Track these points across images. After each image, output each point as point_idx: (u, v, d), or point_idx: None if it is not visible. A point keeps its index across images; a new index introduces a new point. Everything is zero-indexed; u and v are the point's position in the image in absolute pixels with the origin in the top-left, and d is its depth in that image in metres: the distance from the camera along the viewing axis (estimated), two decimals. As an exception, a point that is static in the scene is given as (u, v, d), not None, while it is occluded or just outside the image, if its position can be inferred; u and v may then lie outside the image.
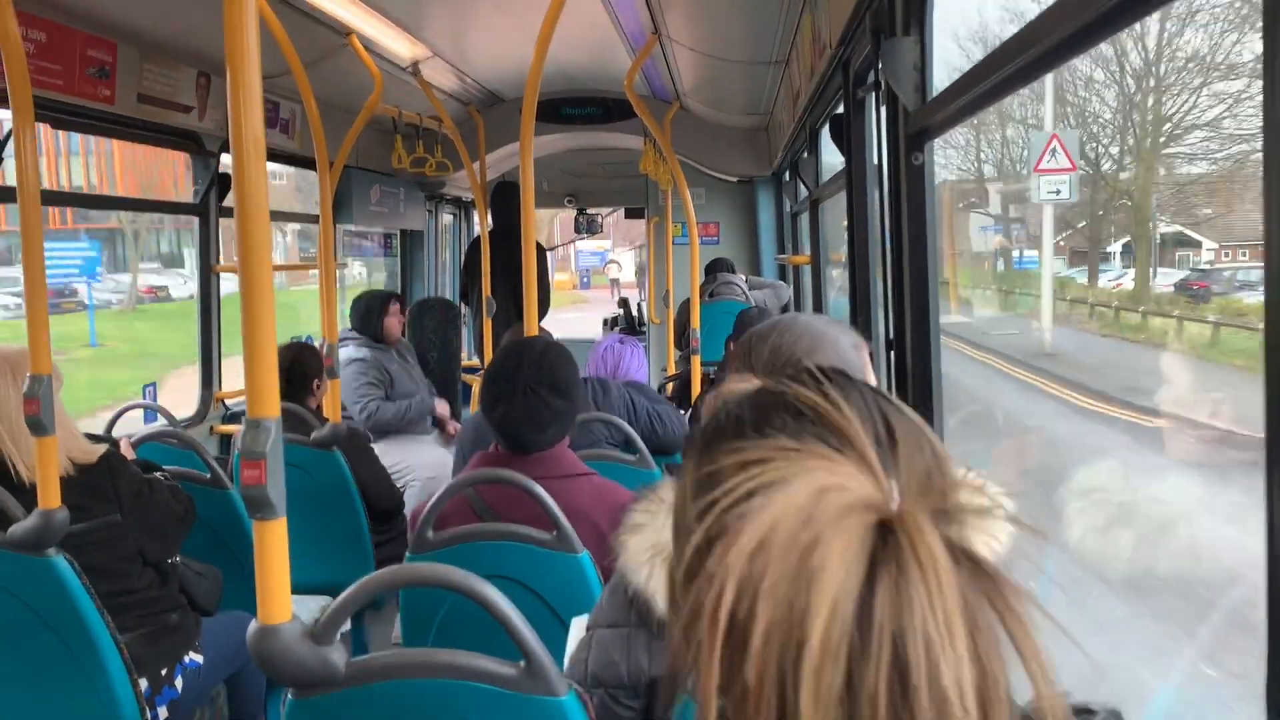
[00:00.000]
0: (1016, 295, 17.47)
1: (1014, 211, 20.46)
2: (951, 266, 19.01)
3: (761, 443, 0.61)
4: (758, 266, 6.84)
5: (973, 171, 19.83)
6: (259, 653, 1.39)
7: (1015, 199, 19.59)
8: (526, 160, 2.97)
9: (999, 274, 21.37)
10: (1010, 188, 19.13)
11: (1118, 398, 9.31)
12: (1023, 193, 17.60)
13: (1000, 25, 13.72)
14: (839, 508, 0.53)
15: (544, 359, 2.24)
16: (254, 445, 1.38)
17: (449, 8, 4.12)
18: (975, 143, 18.12)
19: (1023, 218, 19.10)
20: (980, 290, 20.15)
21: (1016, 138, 17.43)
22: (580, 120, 6.32)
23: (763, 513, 0.53)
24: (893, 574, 0.51)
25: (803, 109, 3.92)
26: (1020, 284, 18.46)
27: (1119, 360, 11.79)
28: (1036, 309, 14.80)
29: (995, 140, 18.31)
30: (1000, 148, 18.52)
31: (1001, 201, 20.58)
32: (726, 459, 0.62)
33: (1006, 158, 18.63)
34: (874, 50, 2.05)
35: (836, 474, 0.56)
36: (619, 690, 1.50)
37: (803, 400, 0.65)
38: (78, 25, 3.21)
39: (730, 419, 0.68)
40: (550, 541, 2.07)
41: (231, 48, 1.35)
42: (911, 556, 0.51)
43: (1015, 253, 21.51)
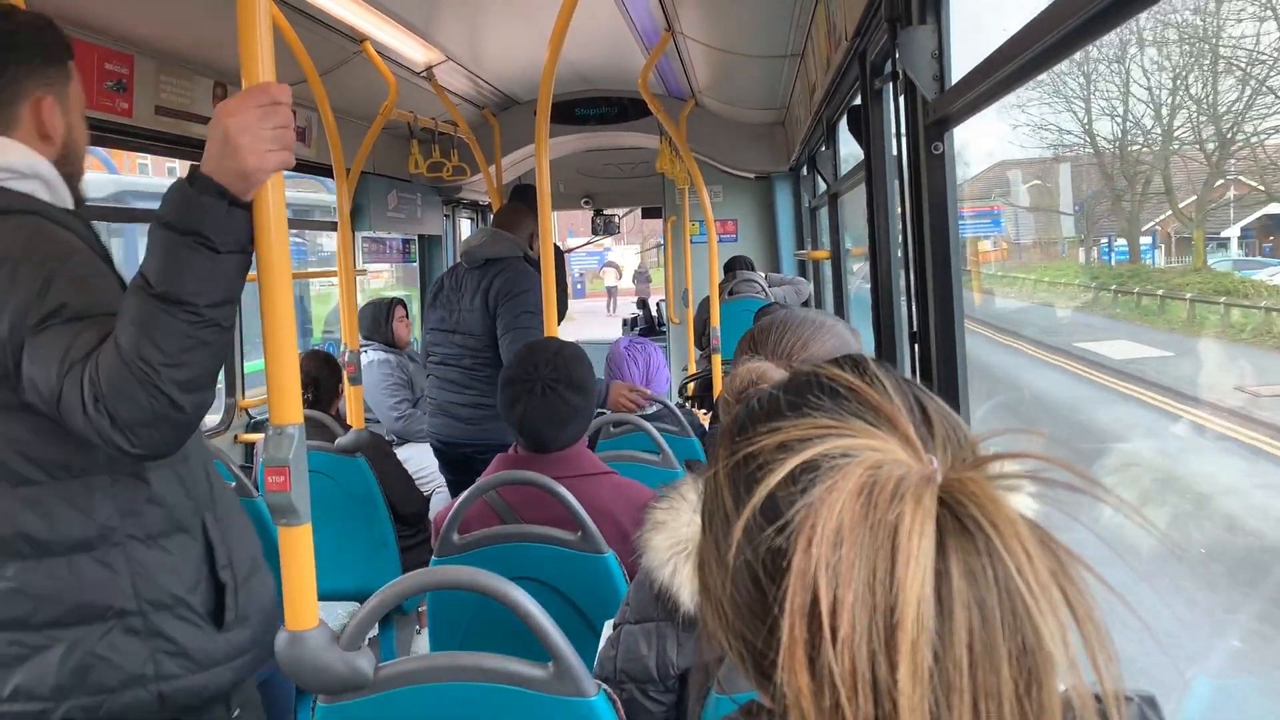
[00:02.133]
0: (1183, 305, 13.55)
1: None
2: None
3: (800, 421, 0.60)
4: (777, 263, 6.81)
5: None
6: (286, 660, 1.38)
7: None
8: (542, 162, 2.97)
9: (1085, 267, 20.00)
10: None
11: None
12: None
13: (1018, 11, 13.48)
14: (899, 482, 0.53)
15: (559, 357, 2.27)
16: (277, 452, 1.38)
17: (462, 11, 4.12)
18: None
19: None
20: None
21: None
22: (595, 120, 6.32)
23: (829, 496, 0.53)
24: (964, 542, 0.51)
25: (819, 102, 3.89)
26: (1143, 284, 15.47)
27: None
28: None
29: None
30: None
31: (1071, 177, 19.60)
32: (765, 439, 0.61)
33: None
34: (890, 40, 2.02)
35: (883, 450, 0.56)
36: (648, 684, 1.51)
37: (839, 380, 0.64)
38: (95, 39, 3.24)
39: (765, 402, 0.68)
40: (575, 542, 2.07)
41: (246, 58, 1.35)
42: (985, 520, 0.51)
43: (1092, 241, 20.19)
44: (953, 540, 0.52)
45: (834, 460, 0.56)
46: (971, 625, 0.50)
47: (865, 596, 0.51)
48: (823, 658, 0.51)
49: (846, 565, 0.51)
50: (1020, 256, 22.85)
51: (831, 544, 0.52)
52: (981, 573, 0.51)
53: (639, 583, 1.53)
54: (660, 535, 1.41)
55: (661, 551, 1.40)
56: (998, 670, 0.50)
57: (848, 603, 0.51)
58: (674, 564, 1.39)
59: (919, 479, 0.53)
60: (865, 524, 0.52)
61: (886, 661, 0.50)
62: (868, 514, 0.52)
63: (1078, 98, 17.99)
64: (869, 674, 0.50)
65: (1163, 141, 16.88)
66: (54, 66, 1.61)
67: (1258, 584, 5.68)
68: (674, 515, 1.41)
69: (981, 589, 0.51)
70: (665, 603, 1.44)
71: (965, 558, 0.51)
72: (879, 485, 0.53)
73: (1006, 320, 17.27)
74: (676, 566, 1.39)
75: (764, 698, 0.63)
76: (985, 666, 0.50)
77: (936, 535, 0.51)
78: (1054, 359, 12.80)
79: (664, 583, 1.40)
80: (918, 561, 0.50)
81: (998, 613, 0.51)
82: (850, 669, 0.50)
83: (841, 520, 0.52)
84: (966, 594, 0.51)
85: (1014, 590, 0.51)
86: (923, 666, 0.49)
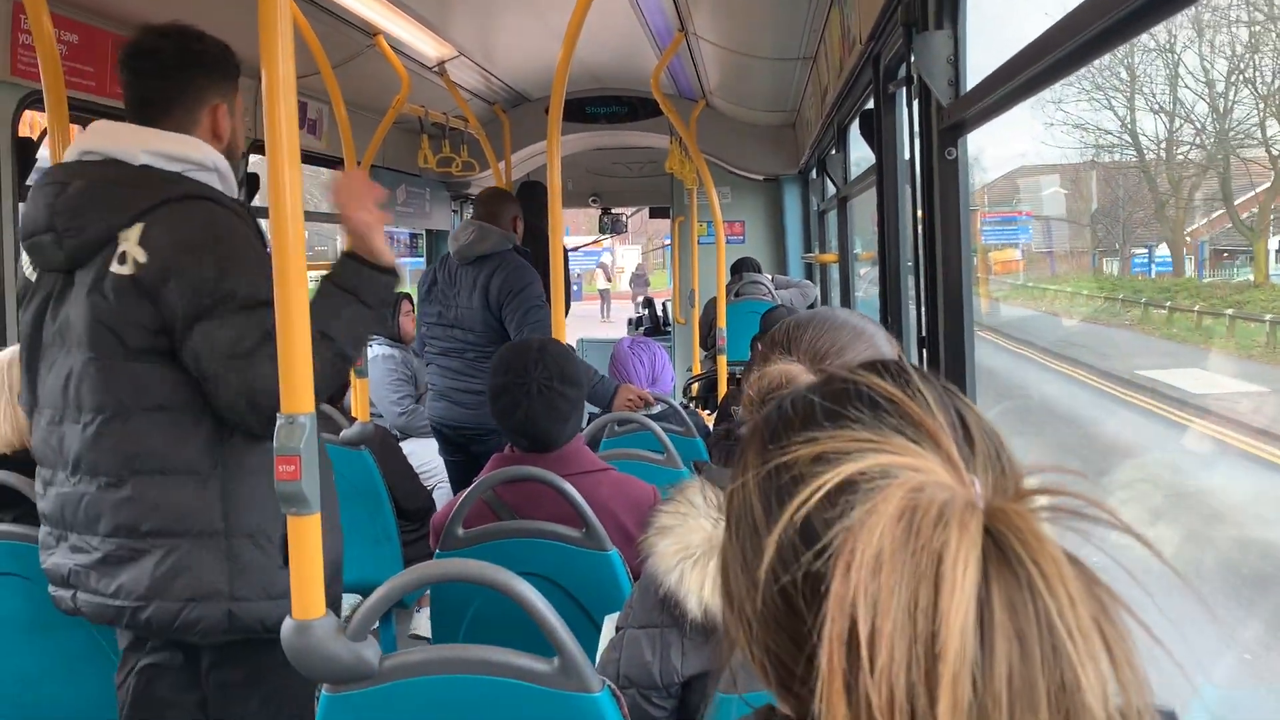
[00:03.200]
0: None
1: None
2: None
3: (838, 434, 0.59)
4: (784, 265, 6.81)
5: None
6: (293, 648, 1.39)
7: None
8: (553, 160, 2.97)
9: (1114, 280, 18.30)
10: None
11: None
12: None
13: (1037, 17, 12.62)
14: (944, 508, 0.51)
15: (546, 354, 2.28)
16: (289, 441, 1.38)
17: (475, 7, 4.13)
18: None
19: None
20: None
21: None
22: (605, 119, 6.33)
23: (869, 519, 0.52)
24: (1006, 574, 0.50)
25: (831, 105, 3.89)
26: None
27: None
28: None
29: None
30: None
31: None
32: (800, 449, 0.59)
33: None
34: (906, 44, 2.03)
35: (924, 469, 0.54)
36: (651, 690, 1.50)
37: (879, 390, 0.62)
38: (110, 27, 3.24)
39: (800, 407, 0.65)
40: (579, 538, 2.08)
41: (266, 49, 1.36)
42: (1028, 557, 0.50)
43: (1128, 251, 18.60)
44: (995, 570, 0.50)
45: (873, 480, 0.55)
46: (1012, 659, 0.49)
47: (905, 626, 0.49)
48: (860, 687, 0.50)
49: (886, 593, 0.50)
50: (1053, 267, 21.70)
51: (871, 570, 0.50)
52: (1023, 606, 0.50)
53: (643, 586, 1.52)
54: (666, 540, 1.40)
55: (668, 557, 1.39)
56: (1035, 708, 0.49)
57: (886, 632, 0.49)
58: (681, 570, 1.38)
59: (963, 505, 0.52)
60: (907, 550, 0.50)
61: (926, 694, 0.48)
62: (909, 540, 0.50)
63: (1119, 91, 16.92)
64: (907, 705, 0.49)
65: (1216, 141, 15.74)
66: (228, 80, 1.93)
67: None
68: (681, 520, 1.40)
69: (1022, 622, 0.49)
70: (670, 609, 1.43)
71: (1007, 590, 0.50)
72: (921, 510, 0.51)
73: (1051, 339, 15.47)
74: (684, 573, 1.38)
75: (783, 705, 0.62)
76: (1024, 703, 0.49)
77: (980, 564, 0.50)
78: (1117, 390, 11.16)
79: (670, 589, 1.39)
80: (963, 591, 0.49)
81: (1038, 649, 0.49)
82: (888, 700, 0.49)
83: (882, 546, 0.51)
84: (1008, 626, 0.49)
85: (1055, 629, 0.49)
86: (963, 699, 0.48)
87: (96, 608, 1.77)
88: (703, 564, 1.38)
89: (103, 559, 1.74)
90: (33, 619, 2.27)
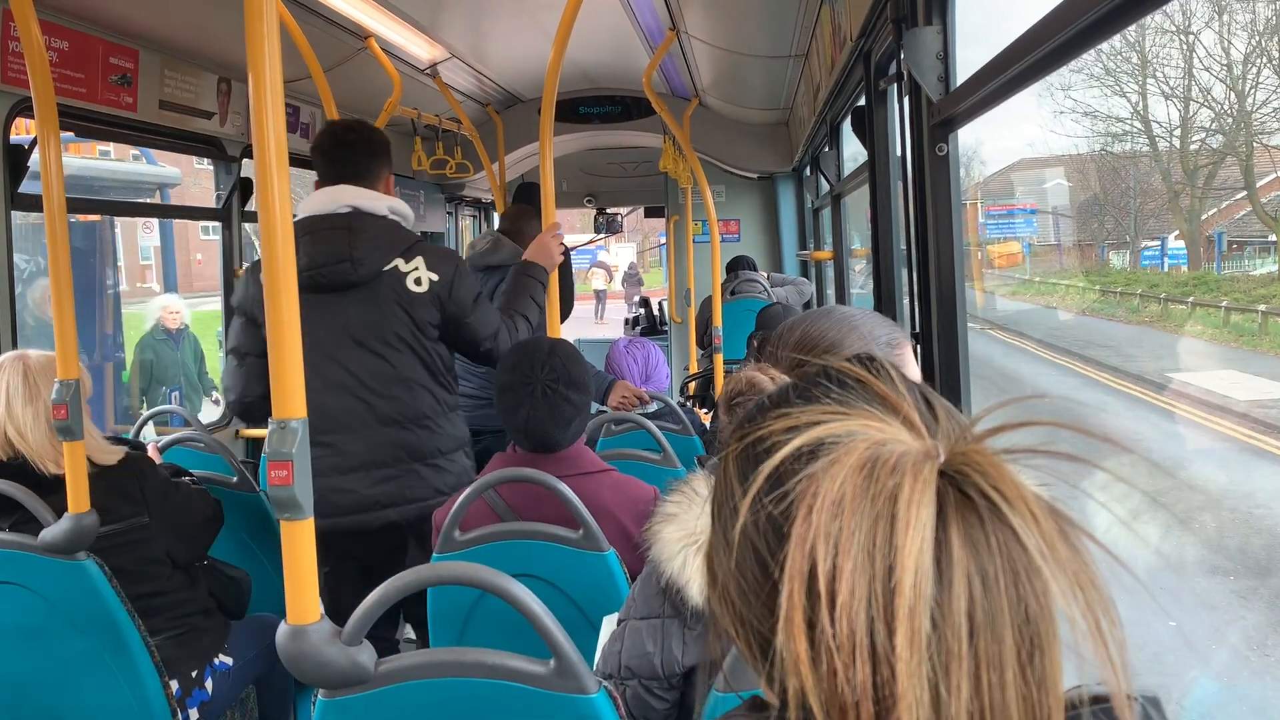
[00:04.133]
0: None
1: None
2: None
3: (809, 408, 0.62)
4: (779, 263, 6.82)
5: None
6: (288, 653, 1.39)
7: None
8: (546, 160, 2.97)
9: (1120, 273, 17.26)
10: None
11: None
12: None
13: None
14: (901, 457, 0.54)
15: (554, 357, 2.26)
16: (281, 446, 1.38)
17: (467, 9, 4.13)
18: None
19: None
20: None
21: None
22: (599, 119, 6.32)
23: (832, 469, 0.54)
24: (966, 513, 0.52)
25: (823, 102, 3.89)
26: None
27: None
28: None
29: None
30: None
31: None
32: (773, 424, 0.62)
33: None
34: (896, 41, 2.03)
35: (887, 431, 0.57)
36: (653, 681, 1.50)
37: (848, 372, 0.66)
38: (100, 34, 3.24)
39: (775, 395, 0.69)
40: (576, 540, 2.07)
41: (253, 53, 1.36)
42: (988, 484, 0.53)
43: (1126, 244, 17.98)
44: (954, 512, 0.52)
45: (838, 438, 0.58)
46: (972, 594, 0.51)
47: (864, 564, 0.52)
48: (821, 624, 0.52)
49: (846, 533, 0.52)
50: (1061, 261, 21.22)
51: (832, 513, 0.53)
52: (984, 543, 0.52)
53: (646, 576, 1.52)
54: (671, 527, 1.41)
55: (672, 543, 1.40)
56: (1000, 639, 0.51)
57: (846, 570, 0.52)
58: (684, 556, 1.38)
59: (920, 454, 0.54)
60: (866, 495, 0.53)
61: (885, 628, 0.51)
62: (869, 486, 0.53)
63: (1129, 76, 16.30)
64: (867, 641, 0.51)
65: (1235, 124, 14.68)
66: (390, 155, 2.77)
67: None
68: (686, 508, 1.40)
69: (984, 559, 0.52)
70: (672, 597, 1.44)
71: (967, 528, 0.52)
72: (881, 460, 0.54)
73: (1071, 339, 14.58)
74: (686, 559, 1.38)
75: (768, 693, 0.63)
76: (987, 635, 0.51)
77: (936, 505, 0.52)
78: (1148, 395, 10.10)
79: (672, 575, 1.39)
80: (916, 529, 0.51)
81: (1000, 581, 0.51)
82: (848, 635, 0.51)
83: (843, 491, 0.53)
84: (967, 563, 0.51)
85: (1016, 555, 0.51)
86: (920, 633, 0.50)
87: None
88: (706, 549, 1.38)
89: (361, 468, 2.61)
90: (29, 627, 2.27)
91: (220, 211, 4.36)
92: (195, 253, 26.99)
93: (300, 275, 1.98)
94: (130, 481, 2.40)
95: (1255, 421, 8.36)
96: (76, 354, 2.27)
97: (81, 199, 6.39)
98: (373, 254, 2.54)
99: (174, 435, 3.32)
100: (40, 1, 2.73)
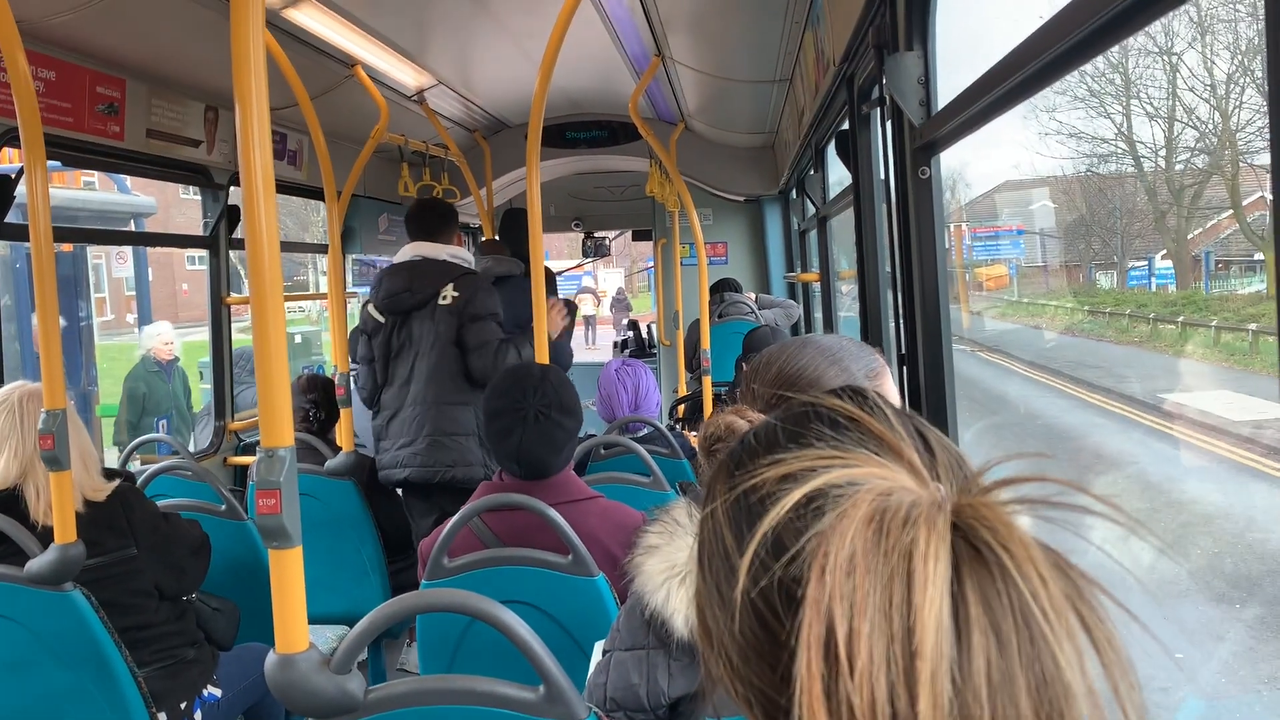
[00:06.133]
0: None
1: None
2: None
3: (802, 453, 0.59)
4: (767, 285, 6.84)
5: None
6: (277, 683, 1.38)
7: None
8: (533, 185, 2.98)
9: (1108, 293, 17.09)
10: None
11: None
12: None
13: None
14: (910, 508, 0.52)
15: (546, 383, 2.26)
16: (269, 474, 1.38)
17: (453, 36, 4.15)
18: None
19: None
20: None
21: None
22: (585, 144, 6.35)
23: (840, 524, 0.52)
24: (978, 567, 0.50)
25: (808, 126, 3.93)
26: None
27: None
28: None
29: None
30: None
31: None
32: (766, 471, 0.60)
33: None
34: (878, 65, 2.05)
35: (890, 478, 0.55)
36: (638, 713, 1.49)
37: (839, 410, 0.63)
38: (87, 63, 3.25)
39: (762, 435, 0.66)
40: (565, 565, 2.07)
41: (239, 82, 1.36)
42: (996, 543, 0.50)
43: (1125, 264, 17.27)
44: (967, 566, 0.50)
45: (841, 489, 0.55)
46: (989, 653, 0.48)
47: (882, 625, 0.49)
48: (840, 692, 0.49)
49: (861, 593, 0.50)
50: (1047, 282, 21.07)
51: (845, 572, 0.50)
52: (997, 598, 0.49)
53: (630, 609, 1.52)
54: (653, 560, 1.40)
55: (654, 576, 1.39)
56: (1016, 702, 0.48)
57: (864, 633, 0.49)
58: (667, 589, 1.37)
59: (930, 504, 0.52)
60: (879, 551, 0.50)
61: (906, 693, 0.48)
62: (880, 541, 0.50)
63: (1113, 98, 16.03)
64: (888, 707, 0.48)
65: (1220, 144, 14.58)
66: (455, 219, 3.85)
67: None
68: (667, 539, 1.39)
69: (998, 615, 0.49)
70: (656, 629, 1.43)
71: (980, 583, 0.50)
72: (890, 512, 0.51)
73: (1062, 360, 14.42)
74: (670, 592, 1.37)
75: None
76: (1004, 698, 0.48)
77: (951, 560, 0.50)
78: (1142, 417, 9.90)
79: (656, 608, 1.38)
80: (934, 586, 0.49)
81: (1014, 640, 0.49)
82: (869, 702, 0.48)
83: (854, 548, 0.50)
84: (984, 620, 0.49)
85: (1030, 616, 0.49)
86: (942, 697, 0.47)
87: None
88: (689, 582, 1.38)
89: (427, 446, 3.53)
90: (13, 660, 2.25)
91: (208, 239, 4.36)
92: (181, 283, 26.93)
93: (380, 302, 3.60)
94: (117, 512, 2.39)
95: (1254, 442, 8.13)
96: (63, 384, 2.27)
97: (68, 228, 6.38)
98: (424, 286, 3.57)
99: (161, 464, 3.30)
100: (27, 32, 2.74)
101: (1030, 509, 0.54)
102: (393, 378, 3.64)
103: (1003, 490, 0.55)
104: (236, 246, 4.42)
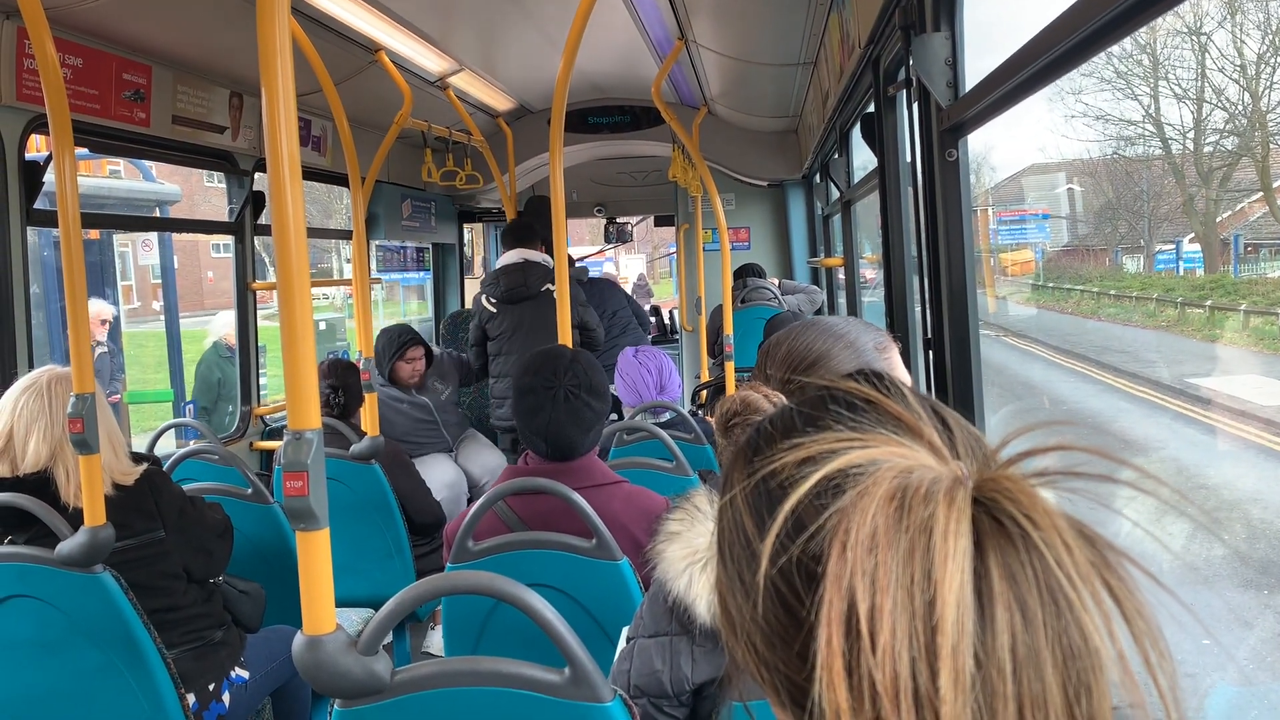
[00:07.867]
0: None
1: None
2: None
3: (821, 437, 0.59)
4: (790, 270, 6.81)
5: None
6: (304, 664, 1.39)
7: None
8: (556, 170, 2.98)
9: (1136, 277, 17.15)
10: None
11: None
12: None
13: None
14: (931, 485, 0.51)
15: (576, 364, 2.27)
16: (296, 457, 1.38)
17: (476, 21, 4.14)
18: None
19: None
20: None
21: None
22: (608, 129, 6.34)
23: (861, 501, 0.52)
24: (1002, 541, 0.50)
25: (832, 109, 3.90)
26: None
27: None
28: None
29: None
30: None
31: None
32: (785, 456, 0.59)
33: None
34: (904, 47, 2.03)
35: (910, 456, 0.55)
36: (662, 699, 1.50)
37: (855, 393, 0.63)
38: (113, 50, 3.27)
39: (779, 420, 0.66)
40: (590, 549, 2.07)
41: (265, 68, 1.36)
42: (1019, 513, 0.50)
43: (1153, 248, 17.40)
44: (990, 540, 0.50)
45: (861, 468, 0.55)
46: (1014, 628, 0.48)
47: (904, 601, 0.49)
48: (862, 669, 0.49)
49: (883, 570, 0.50)
50: (1075, 266, 20.84)
51: (867, 549, 0.50)
52: (1021, 570, 0.49)
53: (653, 595, 1.52)
54: (674, 546, 1.40)
55: (676, 562, 1.39)
56: (1042, 676, 0.48)
57: (886, 609, 0.49)
58: (689, 575, 1.38)
59: (951, 481, 0.52)
60: (900, 527, 0.50)
61: (927, 669, 0.48)
62: (902, 518, 0.50)
63: (1143, 78, 15.59)
64: (910, 683, 0.48)
65: (1250, 125, 14.18)
66: (536, 231, 4.88)
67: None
68: (688, 526, 1.40)
69: (1022, 589, 0.49)
70: (679, 615, 1.43)
71: (1004, 557, 0.49)
72: (910, 489, 0.51)
73: (1088, 345, 14.30)
74: (692, 578, 1.38)
75: None
76: (1030, 673, 0.48)
77: (973, 534, 0.50)
78: (1173, 403, 9.70)
79: (679, 595, 1.38)
80: (955, 561, 0.48)
81: (1040, 614, 0.49)
82: (891, 678, 0.48)
83: (876, 524, 0.51)
84: (1007, 594, 0.49)
85: (1055, 587, 0.49)
86: (964, 672, 0.47)
87: None
88: (711, 568, 1.38)
89: None
90: (45, 640, 2.28)
91: (233, 225, 4.39)
92: (206, 270, 27.12)
93: (501, 294, 4.64)
94: (145, 495, 2.42)
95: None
96: (92, 368, 2.29)
97: (96, 214, 6.44)
98: (534, 282, 4.61)
99: (188, 448, 3.33)
100: (55, 19, 2.76)
101: (1051, 481, 0.53)
102: (508, 350, 4.62)
103: (1024, 462, 0.54)
104: (261, 232, 4.44)
